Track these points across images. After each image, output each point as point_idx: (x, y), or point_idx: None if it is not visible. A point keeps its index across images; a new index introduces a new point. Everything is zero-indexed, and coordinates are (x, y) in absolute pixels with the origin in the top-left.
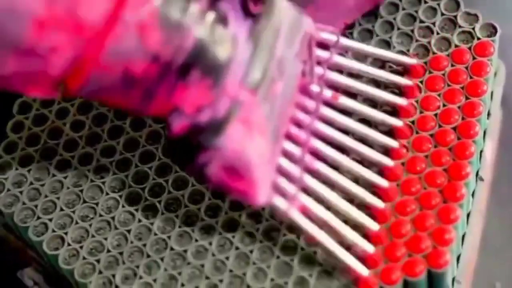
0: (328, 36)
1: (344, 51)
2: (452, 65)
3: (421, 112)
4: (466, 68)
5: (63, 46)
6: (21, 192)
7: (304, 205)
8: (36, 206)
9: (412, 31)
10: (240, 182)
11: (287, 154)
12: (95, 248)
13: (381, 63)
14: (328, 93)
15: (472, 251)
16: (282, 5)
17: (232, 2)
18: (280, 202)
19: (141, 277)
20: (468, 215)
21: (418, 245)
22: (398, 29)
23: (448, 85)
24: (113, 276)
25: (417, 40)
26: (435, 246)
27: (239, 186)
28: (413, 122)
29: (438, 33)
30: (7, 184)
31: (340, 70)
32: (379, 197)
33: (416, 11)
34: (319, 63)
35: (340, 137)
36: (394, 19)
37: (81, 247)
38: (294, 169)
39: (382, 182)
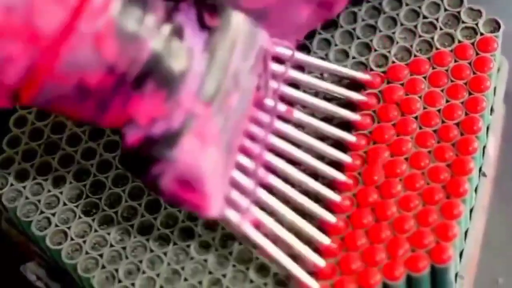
0: (283, 50)
1: (300, 67)
2: (455, 61)
3: (424, 108)
4: (469, 63)
5: (19, 56)
6: (24, 187)
7: (257, 219)
8: (39, 200)
9: (416, 26)
10: (193, 195)
11: (240, 168)
12: (98, 243)
13: (338, 78)
14: (282, 108)
15: (475, 246)
16: (238, 19)
17: (188, 14)
18: (232, 215)
19: (144, 272)
20: (471, 210)
21: (421, 241)
22: (401, 24)
23: (451, 81)
24: (116, 270)
25: (420, 36)
26: (438, 241)
27: (192, 198)
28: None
29: (441, 29)
30: (10, 179)
31: (296, 85)
32: (331, 211)
33: (420, 7)
34: (274, 77)
35: (293, 151)
36: (397, 14)
37: (84, 242)
38: (247, 182)
39: (334, 197)
